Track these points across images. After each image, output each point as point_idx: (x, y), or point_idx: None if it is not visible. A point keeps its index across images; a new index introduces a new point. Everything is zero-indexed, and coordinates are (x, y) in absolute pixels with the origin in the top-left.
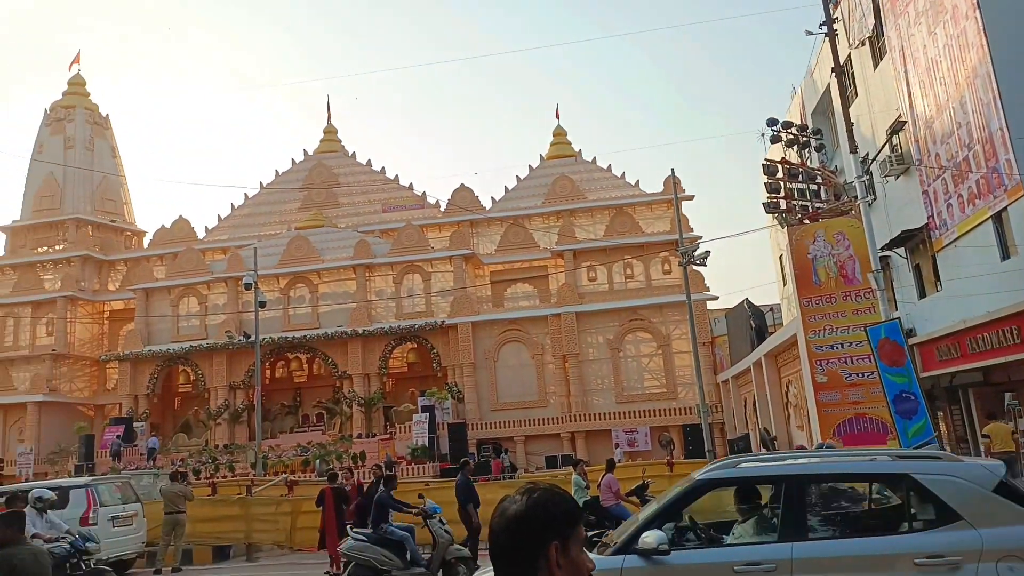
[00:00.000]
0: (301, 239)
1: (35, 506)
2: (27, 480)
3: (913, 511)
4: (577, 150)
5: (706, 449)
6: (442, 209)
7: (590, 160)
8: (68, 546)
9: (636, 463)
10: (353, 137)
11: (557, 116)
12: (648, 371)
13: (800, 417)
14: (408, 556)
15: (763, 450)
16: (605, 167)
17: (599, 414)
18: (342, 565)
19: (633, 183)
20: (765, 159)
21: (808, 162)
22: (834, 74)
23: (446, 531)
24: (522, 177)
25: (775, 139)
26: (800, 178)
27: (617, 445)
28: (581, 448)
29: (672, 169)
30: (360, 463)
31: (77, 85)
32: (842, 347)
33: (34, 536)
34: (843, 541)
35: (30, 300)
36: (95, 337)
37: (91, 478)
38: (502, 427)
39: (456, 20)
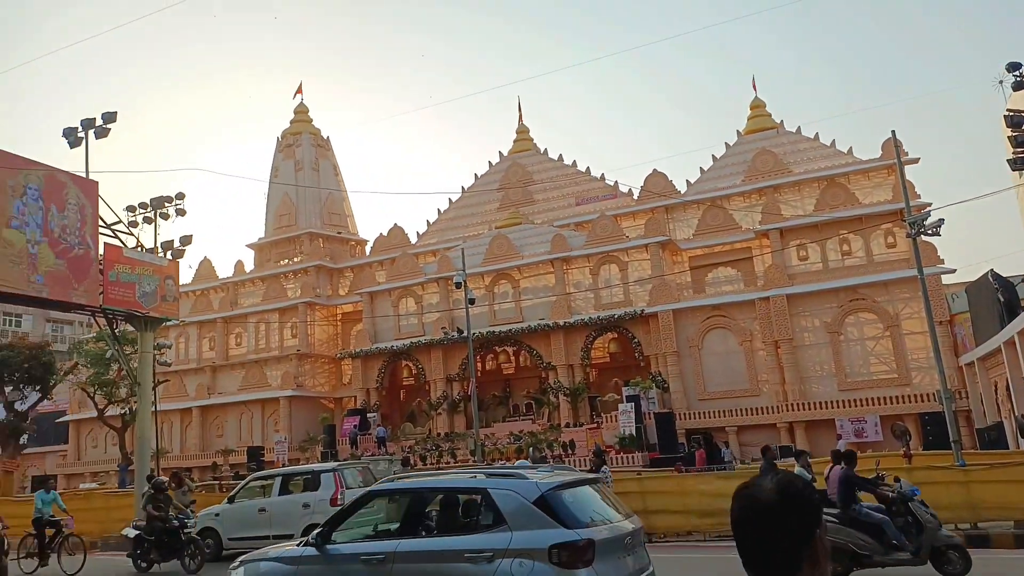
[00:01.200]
0: (501, 238)
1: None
2: (283, 465)
3: (481, 517)
4: (778, 122)
5: (951, 439)
6: (635, 197)
7: (793, 131)
8: None
9: (867, 455)
10: (545, 134)
11: (754, 88)
12: (875, 355)
13: None
14: (887, 540)
15: (1021, 439)
16: (811, 136)
17: (819, 403)
18: None
19: (845, 151)
20: (1008, 109)
21: None
22: None
23: (931, 515)
24: (718, 156)
25: (1018, 86)
26: None
27: (840, 436)
28: (800, 438)
29: (892, 131)
30: (571, 451)
31: (302, 113)
32: None
33: None
34: (431, 539)
35: (276, 307)
36: (331, 337)
37: (337, 463)
38: (711, 417)
39: (638, 4)
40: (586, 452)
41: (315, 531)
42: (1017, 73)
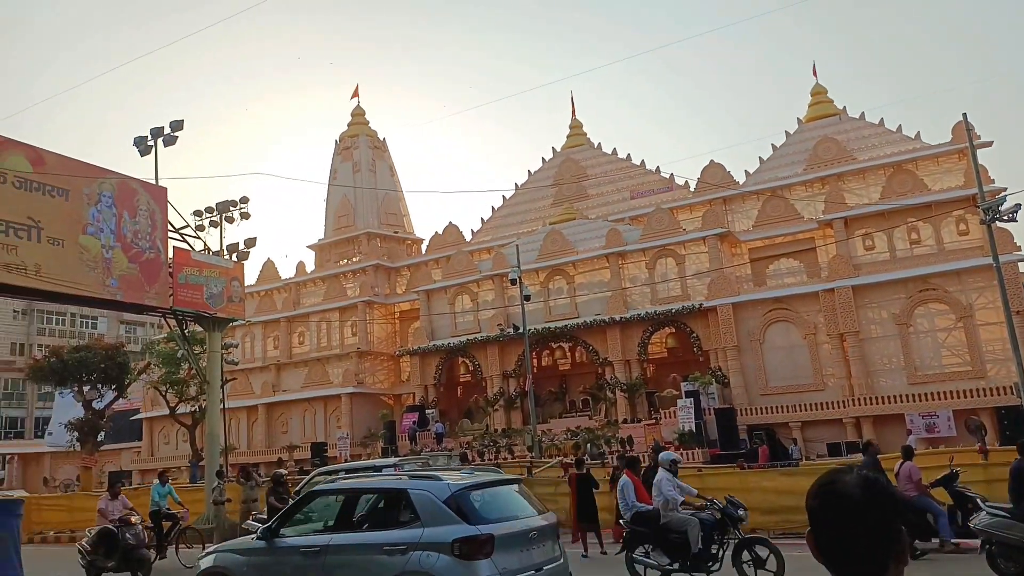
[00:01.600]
0: (555, 233)
1: (669, 468)
2: (345, 460)
3: (401, 515)
4: (841, 108)
5: None
6: (692, 189)
7: (857, 117)
8: (718, 513)
9: (940, 451)
10: (598, 128)
11: (815, 74)
12: (946, 347)
13: None
14: None
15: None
16: (876, 122)
17: (887, 397)
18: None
19: (912, 136)
20: None
21: None
22: None
23: None
24: (778, 145)
25: None
26: None
27: (910, 432)
28: (868, 433)
29: (964, 114)
30: (629, 447)
31: (358, 115)
32: None
33: (682, 504)
34: (359, 533)
35: (337, 307)
36: (389, 335)
37: (398, 459)
38: (774, 412)
39: None
40: (645, 448)
41: (264, 526)
42: None
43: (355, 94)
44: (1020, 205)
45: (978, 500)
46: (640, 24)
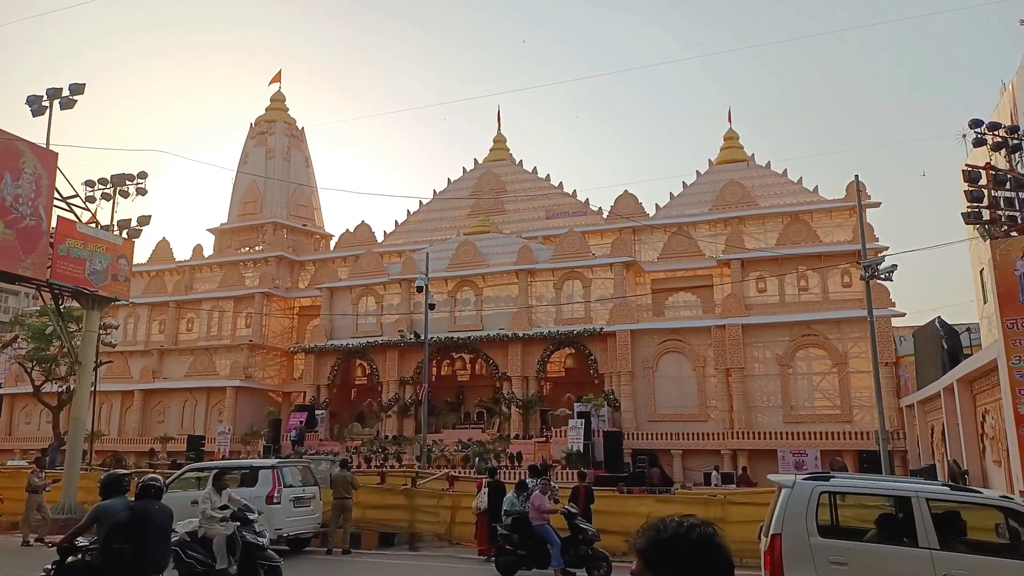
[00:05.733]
0: (468, 244)
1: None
2: (224, 457)
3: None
4: (749, 155)
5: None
6: (604, 216)
7: (763, 165)
8: None
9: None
10: (521, 146)
11: (729, 119)
12: (820, 390)
13: (998, 452)
14: None
15: (950, 484)
16: (779, 172)
17: (764, 433)
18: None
19: (811, 189)
20: (966, 164)
21: (1018, 167)
22: None
23: None
24: (689, 183)
25: (979, 142)
26: (1008, 185)
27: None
28: (742, 467)
29: (856, 175)
30: (517, 463)
31: (278, 101)
32: None
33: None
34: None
35: (232, 295)
36: (285, 330)
37: (277, 460)
38: (659, 439)
39: (625, 27)
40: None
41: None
42: (978, 130)
43: (276, 79)
44: (896, 266)
45: (590, 532)
46: (576, 49)
